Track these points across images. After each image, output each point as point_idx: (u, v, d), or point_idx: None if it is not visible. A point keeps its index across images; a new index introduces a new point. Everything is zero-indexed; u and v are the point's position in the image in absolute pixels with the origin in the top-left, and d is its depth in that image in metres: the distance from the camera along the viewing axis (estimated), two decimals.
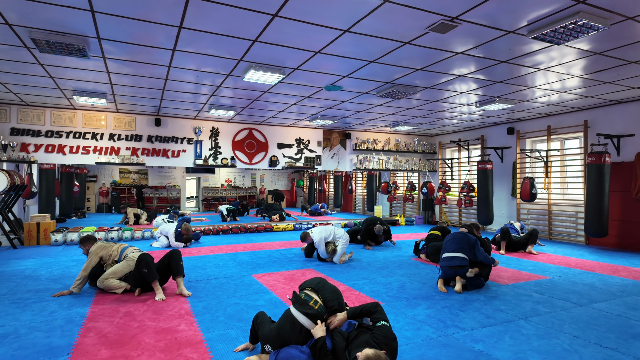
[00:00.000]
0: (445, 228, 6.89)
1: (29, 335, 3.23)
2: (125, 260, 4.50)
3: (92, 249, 4.54)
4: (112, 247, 4.66)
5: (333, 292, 2.83)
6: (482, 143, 10.96)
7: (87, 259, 4.51)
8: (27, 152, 8.46)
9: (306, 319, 2.61)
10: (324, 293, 2.78)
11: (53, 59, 5.47)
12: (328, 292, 2.80)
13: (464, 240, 4.82)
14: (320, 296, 2.76)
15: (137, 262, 4.35)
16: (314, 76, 6.20)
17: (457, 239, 4.87)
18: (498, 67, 5.71)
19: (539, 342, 3.11)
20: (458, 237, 4.90)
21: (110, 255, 4.58)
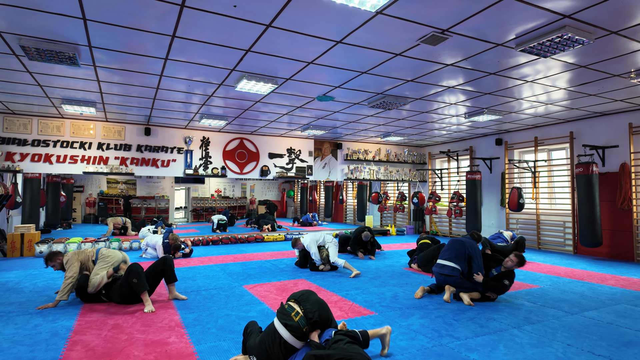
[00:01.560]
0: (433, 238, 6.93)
1: (11, 349, 3.11)
2: (102, 259, 4.46)
3: (67, 258, 4.40)
4: (87, 250, 4.59)
5: (316, 303, 2.74)
6: (471, 154, 11.11)
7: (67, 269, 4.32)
8: (12, 162, 8.28)
9: (285, 331, 2.58)
10: (305, 304, 2.72)
11: (42, 67, 5.40)
12: (310, 303, 2.73)
13: (460, 250, 4.66)
14: (302, 307, 2.71)
15: (127, 272, 4.26)
16: (306, 86, 6.24)
17: (452, 248, 4.76)
18: (486, 79, 5.83)
19: (533, 351, 3.11)
20: (454, 245, 4.76)
21: (88, 257, 4.51)
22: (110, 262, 4.49)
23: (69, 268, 4.31)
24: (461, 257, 4.63)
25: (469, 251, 4.63)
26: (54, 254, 4.44)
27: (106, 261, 4.48)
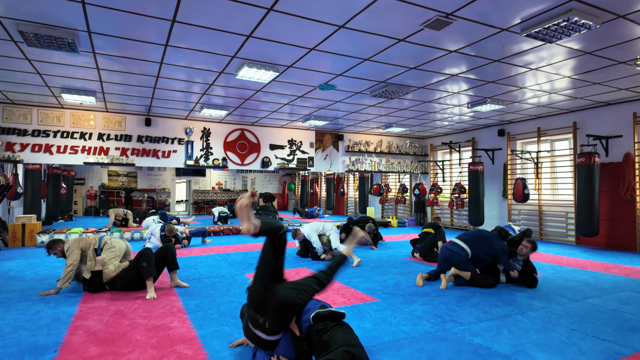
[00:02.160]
0: (437, 224, 6.91)
1: (13, 334, 3.10)
2: (107, 249, 4.42)
3: (67, 245, 4.35)
4: (89, 237, 4.53)
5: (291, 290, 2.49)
6: (473, 145, 11.05)
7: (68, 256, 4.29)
8: (13, 152, 8.25)
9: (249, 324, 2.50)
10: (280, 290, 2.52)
11: (41, 54, 5.34)
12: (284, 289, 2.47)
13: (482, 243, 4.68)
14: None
15: (139, 255, 4.28)
16: (308, 74, 6.18)
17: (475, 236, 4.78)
18: (490, 66, 5.76)
19: (537, 336, 3.09)
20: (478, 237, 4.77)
21: (90, 244, 4.44)
22: (115, 252, 4.47)
23: (69, 255, 4.27)
24: (478, 248, 4.65)
25: (493, 251, 4.65)
26: (54, 242, 4.42)
27: (112, 251, 4.45)
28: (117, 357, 2.66)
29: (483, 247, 4.68)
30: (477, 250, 4.68)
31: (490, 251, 4.67)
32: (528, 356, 2.71)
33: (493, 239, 4.75)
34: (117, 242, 4.57)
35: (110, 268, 4.35)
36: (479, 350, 2.81)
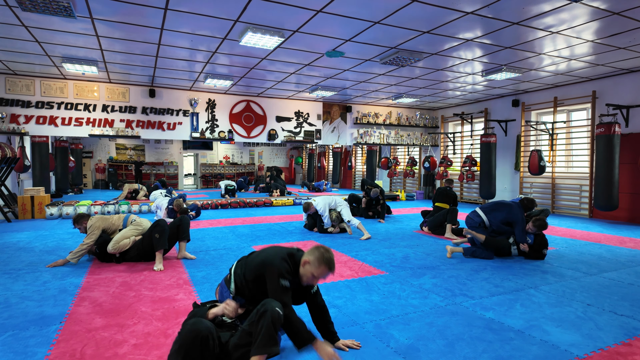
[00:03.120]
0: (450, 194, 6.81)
1: (20, 304, 3.09)
2: (133, 225, 4.45)
3: (91, 223, 4.32)
4: (112, 218, 4.53)
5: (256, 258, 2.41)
6: (485, 116, 10.71)
7: (88, 234, 4.27)
8: (18, 124, 8.18)
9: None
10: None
11: (38, 21, 5.14)
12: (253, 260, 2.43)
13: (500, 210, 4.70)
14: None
15: (153, 225, 4.28)
16: (315, 40, 5.90)
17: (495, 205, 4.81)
18: (507, 30, 5.42)
19: (552, 310, 3.00)
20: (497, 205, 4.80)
21: (113, 224, 4.46)
22: (139, 229, 4.45)
23: (89, 234, 4.26)
24: (495, 216, 4.72)
25: (511, 218, 4.63)
26: (81, 217, 4.40)
27: (136, 228, 4.44)
28: (122, 329, 2.63)
29: (501, 214, 4.69)
30: (493, 217, 4.72)
31: (508, 218, 4.64)
32: (543, 331, 2.62)
33: (514, 206, 4.68)
34: (143, 221, 4.55)
35: (125, 242, 4.33)
36: (491, 324, 2.72)
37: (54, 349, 2.35)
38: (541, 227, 4.51)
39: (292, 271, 2.30)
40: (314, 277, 2.25)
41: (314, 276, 2.24)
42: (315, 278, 2.25)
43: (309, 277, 2.26)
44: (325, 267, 2.21)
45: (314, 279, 2.26)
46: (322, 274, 2.22)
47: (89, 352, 2.31)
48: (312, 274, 2.23)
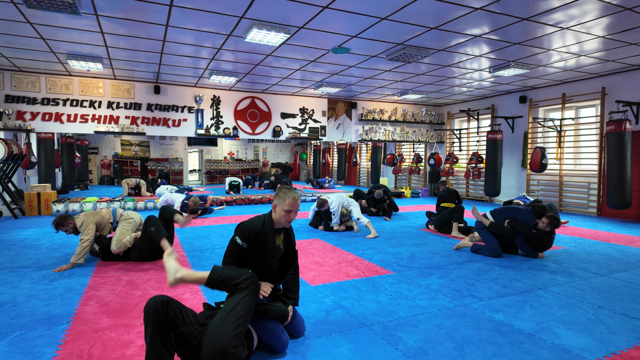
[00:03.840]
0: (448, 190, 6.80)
1: (27, 303, 3.10)
2: (125, 220, 4.41)
3: (82, 220, 4.22)
4: (101, 211, 4.44)
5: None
6: (492, 112, 10.60)
7: (83, 232, 4.18)
8: (24, 121, 8.20)
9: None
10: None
11: (43, 17, 5.13)
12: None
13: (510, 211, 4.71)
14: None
15: (145, 222, 4.18)
16: (320, 36, 5.84)
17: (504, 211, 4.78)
18: (516, 26, 5.33)
19: (562, 312, 2.95)
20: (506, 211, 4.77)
21: (104, 217, 4.40)
22: (132, 223, 4.44)
23: (85, 231, 4.15)
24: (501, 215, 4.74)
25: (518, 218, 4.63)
26: (64, 218, 4.23)
27: (129, 222, 4.42)
28: (129, 329, 2.62)
29: (506, 215, 4.69)
30: (498, 218, 4.74)
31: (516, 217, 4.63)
32: (553, 334, 2.58)
33: (523, 211, 4.64)
34: (132, 214, 4.54)
35: (127, 238, 4.31)
36: (501, 327, 2.69)
37: (61, 349, 2.35)
38: (555, 226, 4.43)
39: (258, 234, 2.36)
40: (287, 213, 2.37)
41: (286, 211, 2.37)
42: (289, 212, 2.38)
43: (283, 215, 2.38)
44: (290, 198, 2.35)
45: (288, 215, 2.38)
46: (292, 204, 2.35)
47: (96, 353, 2.31)
48: (284, 210, 2.36)
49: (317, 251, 4.88)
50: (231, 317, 1.96)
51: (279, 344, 2.30)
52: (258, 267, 2.40)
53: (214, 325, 1.96)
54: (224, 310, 2.00)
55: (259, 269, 2.39)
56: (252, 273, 2.16)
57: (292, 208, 2.37)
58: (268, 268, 2.42)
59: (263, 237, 2.38)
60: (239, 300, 2.03)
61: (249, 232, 2.34)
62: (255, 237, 2.36)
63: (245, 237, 2.34)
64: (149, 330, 1.88)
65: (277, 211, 2.40)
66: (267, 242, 2.38)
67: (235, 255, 2.36)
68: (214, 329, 1.94)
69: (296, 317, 2.52)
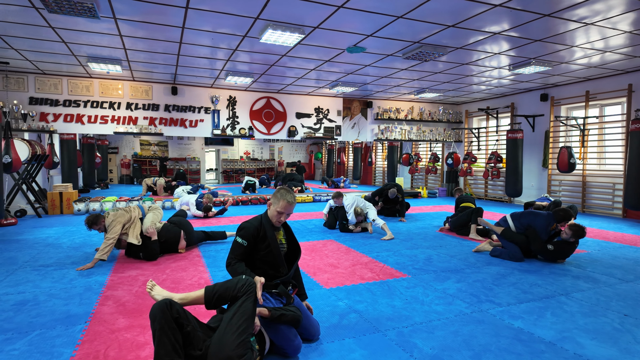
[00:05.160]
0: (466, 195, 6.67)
1: (47, 302, 3.17)
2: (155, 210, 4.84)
3: (111, 219, 4.38)
4: (129, 211, 4.60)
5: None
6: (512, 111, 10.34)
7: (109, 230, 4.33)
8: (47, 122, 8.44)
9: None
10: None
11: (64, 22, 5.25)
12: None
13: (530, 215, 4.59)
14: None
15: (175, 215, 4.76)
16: (336, 36, 5.80)
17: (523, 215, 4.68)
18: (537, 22, 5.17)
19: (585, 320, 2.84)
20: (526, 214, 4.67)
21: (132, 217, 4.55)
22: (161, 213, 4.90)
23: (110, 230, 4.30)
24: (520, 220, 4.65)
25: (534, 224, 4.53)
26: (97, 217, 4.41)
27: (159, 211, 4.88)
28: (144, 330, 2.65)
29: (526, 220, 4.58)
30: (519, 223, 4.64)
31: (532, 224, 4.50)
32: (576, 344, 2.48)
33: (542, 215, 4.52)
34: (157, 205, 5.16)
35: (158, 225, 4.68)
36: (520, 335, 2.60)
37: (78, 349, 2.39)
38: (579, 237, 4.23)
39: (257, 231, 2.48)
40: (279, 214, 2.48)
41: (279, 212, 2.48)
42: (280, 214, 2.48)
43: (275, 215, 2.49)
44: (284, 201, 2.45)
45: (279, 216, 2.49)
46: (284, 207, 2.45)
47: (112, 354, 2.34)
48: (277, 211, 2.47)
49: (332, 252, 4.85)
50: (232, 327, 1.95)
51: (291, 348, 2.28)
52: (269, 265, 2.50)
53: (217, 337, 1.96)
54: (224, 321, 2.00)
55: (270, 268, 2.50)
56: (247, 278, 2.13)
57: (284, 211, 2.47)
58: (276, 265, 2.51)
59: (263, 233, 2.48)
60: (237, 308, 2.01)
61: (248, 230, 2.46)
62: (255, 234, 2.47)
63: (244, 235, 2.45)
64: (156, 332, 1.88)
65: (270, 209, 2.52)
66: (268, 237, 2.47)
67: (237, 254, 2.46)
68: (217, 341, 1.94)
69: (310, 321, 2.50)
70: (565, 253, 4.35)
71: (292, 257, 2.67)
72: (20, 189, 7.49)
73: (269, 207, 2.54)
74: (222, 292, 2.10)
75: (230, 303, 2.10)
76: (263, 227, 2.50)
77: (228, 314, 2.02)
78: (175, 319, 1.92)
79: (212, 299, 2.11)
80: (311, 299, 3.21)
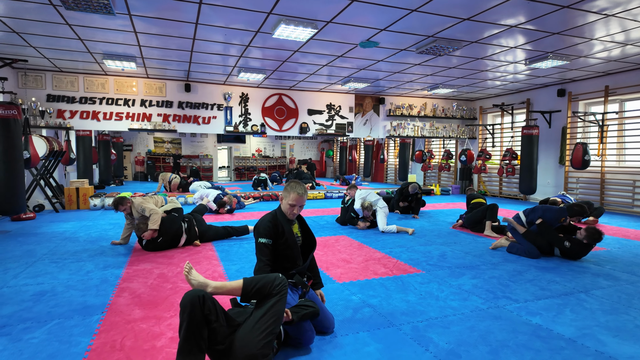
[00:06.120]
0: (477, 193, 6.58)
1: (65, 293, 3.23)
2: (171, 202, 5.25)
3: (140, 200, 4.76)
4: (153, 197, 5.18)
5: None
6: (527, 107, 10.15)
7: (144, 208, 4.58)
8: (63, 119, 8.59)
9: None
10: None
11: (81, 19, 5.32)
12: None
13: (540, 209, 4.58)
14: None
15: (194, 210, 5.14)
16: (348, 31, 5.75)
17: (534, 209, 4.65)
18: (555, 15, 5.04)
19: (606, 318, 2.77)
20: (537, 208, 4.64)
21: (157, 202, 5.07)
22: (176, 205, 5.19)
23: (146, 206, 4.60)
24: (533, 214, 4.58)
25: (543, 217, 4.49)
26: (123, 199, 4.75)
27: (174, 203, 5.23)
28: (160, 321, 2.68)
29: (538, 213, 4.53)
30: (529, 217, 4.60)
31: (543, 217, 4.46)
32: (597, 341, 2.42)
33: (552, 210, 4.46)
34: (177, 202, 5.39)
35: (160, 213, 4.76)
36: (539, 331, 2.55)
37: (95, 339, 2.42)
38: (595, 240, 4.13)
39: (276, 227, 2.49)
40: (292, 207, 2.49)
41: (291, 205, 2.49)
42: (294, 206, 2.49)
43: (288, 208, 2.50)
44: (295, 193, 2.47)
45: (292, 209, 2.50)
46: (296, 199, 2.47)
47: (128, 343, 2.36)
48: (289, 204, 2.48)
49: (344, 248, 4.83)
50: (260, 326, 1.95)
51: (305, 338, 2.28)
52: (287, 259, 2.50)
53: (243, 333, 1.96)
54: (255, 318, 1.99)
55: (287, 261, 2.50)
56: (283, 277, 2.11)
57: (296, 203, 2.48)
58: (293, 258, 2.52)
59: (281, 228, 2.48)
60: (269, 308, 2.00)
61: (267, 229, 2.45)
62: (275, 231, 2.47)
63: (266, 234, 2.44)
64: (183, 324, 1.87)
65: (283, 204, 2.54)
66: (285, 232, 2.48)
67: (266, 254, 2.43)
68: (243, 337, 1.94)
69: (325, 313, 2.50)
70: (578, 254, 4.25)
71: (307, 249, 2.67)
72: (38, 185, 7.65)
73: (281, 202, 2.56)
74: (260, 287, 2.07)
75: (262, 299, 2.07)
76: (280, 223, 2.50)
77: (258, 312, 2.01)
78: (206, 316, 1.90)
79: (250, 292, 2.08)
80: (324, 294, 3.20)
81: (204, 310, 1.90)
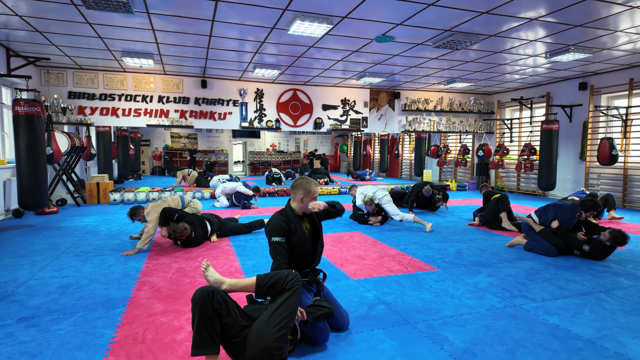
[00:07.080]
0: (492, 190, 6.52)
1: (89, 286, 3.34)
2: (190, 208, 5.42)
3: (147, 210, 4.58)
4: (168, 199, 4.98)
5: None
6: (547, 101, 9.91)
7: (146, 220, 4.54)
8: (84, 115, 8.80)
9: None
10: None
11: (100, 17, 5.43)
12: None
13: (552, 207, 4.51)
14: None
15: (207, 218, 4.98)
16: (364, 25, 5.72)
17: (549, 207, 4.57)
18: (577, 7, 4.90)
19: (627, 319, 2.72)
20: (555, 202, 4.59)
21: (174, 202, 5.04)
22: (197, 208, 5.41)
23: (149, 220, 4.49)
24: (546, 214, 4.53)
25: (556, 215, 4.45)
26: (137, 209, 4.69)
27: (193, 207, 5.44)
28: (179, 315, 2.75)
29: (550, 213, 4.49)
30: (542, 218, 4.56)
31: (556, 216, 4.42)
32: (617, 343, 2.38)
33: (567, 206, 4.41)
34: (198, 203, 5.66)
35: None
36: (556, 331, 2.52)
37: (119, 331, 2.51)
38: (618, 244, 4.00)
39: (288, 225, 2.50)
40: (302, 202, 2.52)
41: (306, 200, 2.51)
42: (309, 201, 2.52)
43: (305, 204, 2.52)
44: (307, 188, 2.51)
45: (309, 202, 2.52)
46: (309, 193, 2.51)
47: (150, 336, 2.44)
48: (302, 199, 2.51)
49: (358, 244, 4.85)
50: (274, 319, 1.99)
51: (320, 335, 2.31)
52: (299, 257, 2.52)
53: (257, 326, 2.00)
54: (268, 312, 2.03)
55: (300, 260, 2.52)
56: (296, 273, 2.15)
57: (312, 196, 2.54)
58: (305, 255, 2.54)
59: (293, 226, 2.50)
60: (282, 302, 2.04)
61: (280, 228, 2.45)
62: (287, 229, 2.48)
63: (280, 232, 2.44)
64: (195, 318, 1.95)
65: (304, 201, 2.52)
66: (297, 230, 2.50)
67: (282, 254, 2.43)
68: (258, 330, 1.98)
69: (340, 310, 2.52)
70: (600, 256, 4.17)
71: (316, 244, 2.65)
72: (60, 179, 7.88)
73: (299, 201, 2.54)
74: (273, 283, 2.11)
75: (276, 295, 2.11)
76: (291, 221, 2.51)
77: (272, 306, 2.05)
78: (216, 310, 1.96)
79: (263, 288, 2.12)
80: (339, 290, 3.24)
81: (214, 304, 1.96)
